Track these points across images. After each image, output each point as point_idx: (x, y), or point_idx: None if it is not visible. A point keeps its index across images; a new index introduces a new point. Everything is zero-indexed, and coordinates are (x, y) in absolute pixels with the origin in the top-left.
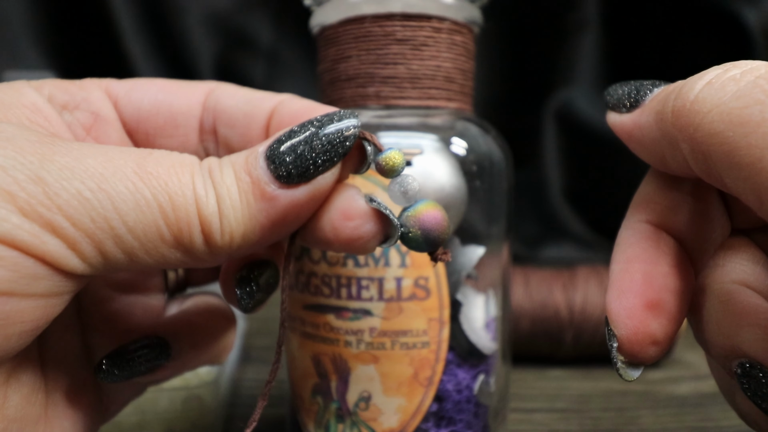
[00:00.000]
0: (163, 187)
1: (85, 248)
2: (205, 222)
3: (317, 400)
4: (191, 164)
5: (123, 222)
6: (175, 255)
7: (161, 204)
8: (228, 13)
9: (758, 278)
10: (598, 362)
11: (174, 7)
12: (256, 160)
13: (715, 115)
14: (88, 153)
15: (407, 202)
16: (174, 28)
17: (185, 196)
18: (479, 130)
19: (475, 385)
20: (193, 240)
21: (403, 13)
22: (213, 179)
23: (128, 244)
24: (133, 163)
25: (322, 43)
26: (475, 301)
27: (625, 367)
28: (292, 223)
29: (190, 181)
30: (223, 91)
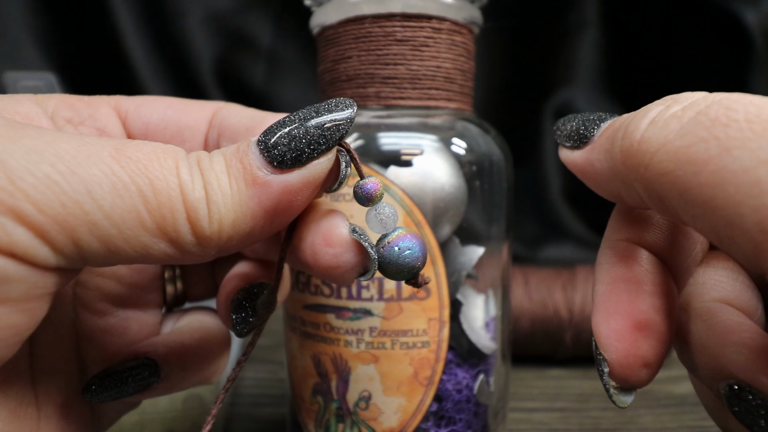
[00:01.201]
0: (142, 171)
1: (56, 237)
2: (191, 208)
3: (317, 399)
4: (175, 151)
5: (98, 207)
6: (159, 246)
7: (140, 187)
8: (228, 14)
9: (739, 295)
10: None
11: (174, 7)
12: (248, 147)
13: (663, 155)
14: (61, 138)
15: (385, 230)
16: (174, 29)
17: (167, 180)
18: (479, 130)
19: (474, 385)
20: (177, 228)
21: (403, 14)
22: (201, 166)
23: (105, 232)
24: (111, 148)
25: (322, 43)
26: (475, 301)
27: (617, 392)
28: (285, 212)
29: (174, 165)
30: (229, 109)
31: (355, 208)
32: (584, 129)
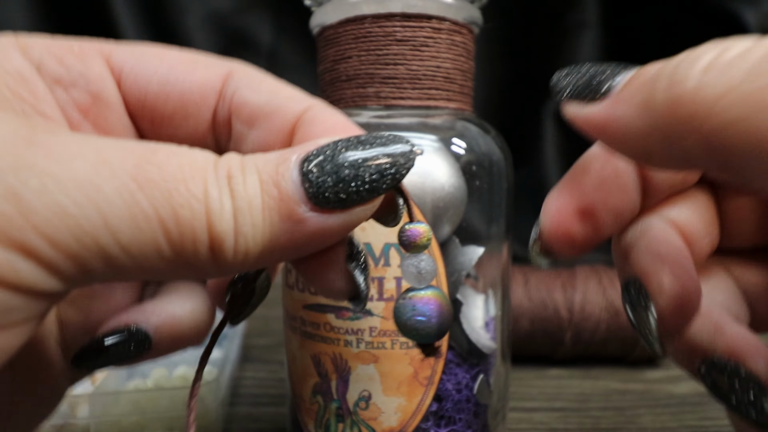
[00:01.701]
0: (166, 198)
1: (67, 269)
2: (216, 239)
3: (317, 399)
4: (204, 167)
5: (115, 240)
6: (175, 270)
7: (162, 219)
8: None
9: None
10: (598, 362)
11: (174, 7)
12: (288, 171)
13: (730, 101)
14: (77, 152)
15: (417, 284)
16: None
17: (193, 209)
18: (479, 130)
19: (474, 385)
20: (198, 257)
21: (403, 14)
22: (232, 188)
23: (119, 263)
24: (132, 167)
25: (322, 43)
26: (475, 301)
27: (537, 254)
28: (314, 248)
29: (202, 190)
30: (243, 78)
31: None
32: (598, 81)
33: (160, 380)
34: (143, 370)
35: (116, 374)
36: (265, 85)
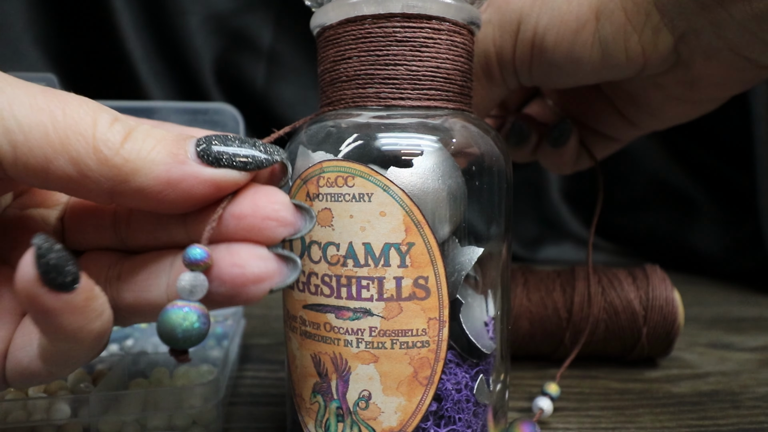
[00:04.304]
0: (61, 102)
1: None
2: (101, 139)
3: (317, 399)
4: (104, 111)
5: (13, 116)
6: (59, 161)
7: (52, 110)
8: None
9: None
10: (597, 361)
11: (175, 8)
12: (188, 138)
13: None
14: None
15: (189, 297)
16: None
17: (80, 113)
18: (479, 130)
19: (474, 385)
20: (79, 149)
21: (403, 14)
22: (130, 122)
23: (14, 137)
24: (42, 88)
25: (323, 43)
26: (475, 301)
27: None
28: (182, 196)
29: (96, 108)
30: None
31: (355, 208)
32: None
33: (161, 379)
34: (144, 369)
35: (117, 373)
36: None
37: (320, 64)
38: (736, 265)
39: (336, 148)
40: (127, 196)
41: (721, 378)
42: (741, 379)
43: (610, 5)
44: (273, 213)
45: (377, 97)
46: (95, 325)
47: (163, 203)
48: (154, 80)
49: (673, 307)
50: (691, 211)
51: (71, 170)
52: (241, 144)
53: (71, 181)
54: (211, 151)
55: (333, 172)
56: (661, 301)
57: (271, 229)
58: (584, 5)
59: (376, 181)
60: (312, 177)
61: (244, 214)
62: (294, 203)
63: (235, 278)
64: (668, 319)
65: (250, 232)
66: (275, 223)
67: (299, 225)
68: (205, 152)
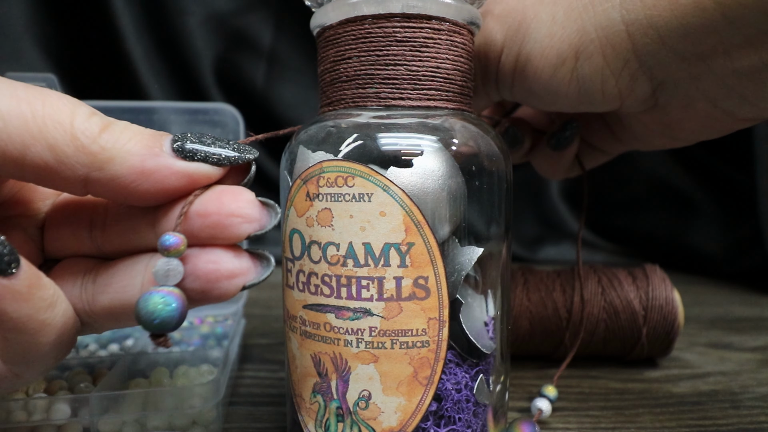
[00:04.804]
0: (41, 94)
1: None
2: (80, 130)
3: (317, 399)
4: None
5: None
6: (36, 147)
7: (31, 101)
8: (229, 15)
9: None
10: (597, 361)
11: (175, 8)
12: (163, 134)
13: None
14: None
15: (165, 282)
16: (175, 29)
17: (59, 105)
18: (479, 130)
19: (474, 385)
20: (56, 136)
21: (403, 14)
22: (107, 118)
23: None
24: (24, 84)
25: (323, 43)
26: (475, 301)
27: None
28: (154, 188)
29: (75, 104)
30: None
31: (355, 208)
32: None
33: (161, 379)
34: (144, 369)
35: (117, 373)
36: None
37: (320, 64)
38: (736, 265)
39: (336, 148)
40: (101, 185)
41: (721, 378)
42: (741, 379)
43: (590, 47)
44: (238, 210)
45: (377, 97)
46: (45, 316)
47: (135, 193)
48: (154, 80)
49: (673, 307)
50: (691, 211)
51: (48, 156)
52: (215, 141)
53: (47, 169)
54: (185, 146)
55: (333, 172)
56: (661, 301)
57: (236, 226)
58: (565, 43)
59: (376, 181)
60: (312, 177)
61: (209, 211)
62: (259, 200)
63: (208, 273)
64: (668, 319)
65: (216, 229)
66: (240, 220)
67: (264, 221)
68: (180, 147)
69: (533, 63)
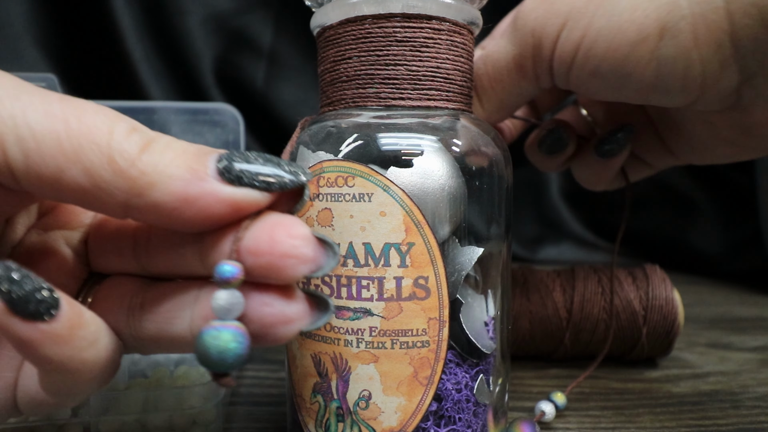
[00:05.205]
0: (77, 109)
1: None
2: (117, 149)
3: (318, 399)
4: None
5: (26, 123)
6: (72, 171)
7: (67, 117)
8: (229, 15)
9: None
10: None
11: (175, 8)
12: (208, 151)
13: None
14: (22, 83)
15: (225, 317)
16: (175, 30)
17: (95, 122)
18: (479, 130)
19: (474, 385)
20: (93, 158)
21: (404, 14)
22: (150, 134)
23: (27, 145)
24: (59, 96)
25: (323, 43)
26: (475, 301)
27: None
28: (198, 216)
29: (115, 119)
30: None
31: (355, 208)
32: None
33: (160, 379)
34: (144, 369)
35: (117, 373)
36: None
37: (320, 64)
38: (736, 265)
39: (336, 148)
40: (142, 211)
41: (721, 378)
42: (741, 379)
43: (680, 24)
44: (292, 249)
45: (377, 97)
46: (88, 355)
47: (177, 220)
48: (154, 80)
49: (673, 307)
50: (691, 211)
51: (84, 181)
52: (265, 162)
53: (85, 193)
54: (232, 168)
55: (333, 172)
56: (661, 301)
57: (290, 267)
58: (650, 17)
59: (376, 181)
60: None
61: (260, 250)
62: (316, 236)
63: (263, 318)
64: (668, 319)
65: (269, 270)
66: (295, 261)
67: (321, 261)
68: (227, 169)
69: (605, 39)
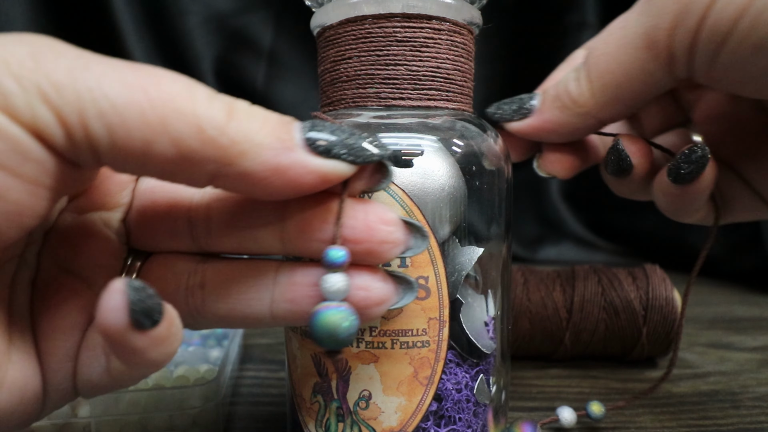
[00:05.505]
0: (154, 78)
1: (71, 120)
2: (203, 116)
3: (318, 399)
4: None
5: (105, 96)
6: (160, 144)
7: (145, 87)
8: (229, 14)
9: None
10: (597, 361)
11: (175, 8)
12: (294, 122)
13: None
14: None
15: (332, 298)
16: (175, 30)
17: (174, 88)
18: (479, 130)
19: (475, 385)
20: (180, 128)
21: (404, 14)
22: (236, 104)
23: (109, 120)
24: (130, 64)
25: (323, 43)
26: (476, 301)
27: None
28: (287, 186)
29: (195, 85)
30: None
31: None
32: (523, 106)
33: (160, 380)
34: None
35: None
36: None
37: (320, 64)
38: (736, 265)
39: None
40: (229, 180)
41: (721, 378)
42: (741, 379)
43: None
44: (388, 236)
45: (377, 97)
46: (175, 347)
47: (265, 189)
48: None
49: (673, 307)
50: None
51: (172, 152)
52: (350, 135)
53: (172, 165)
54: (318, 139)
55: None
56: (661, 301)
57: (386, 252)
58: None
59: None
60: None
61: (359, 238)
62: (404, 220)
63: (360, 301)
64: (668, 319)
65: (367, 255)
66: (390, 245)
67: (410, 242)
68: (313, 140)
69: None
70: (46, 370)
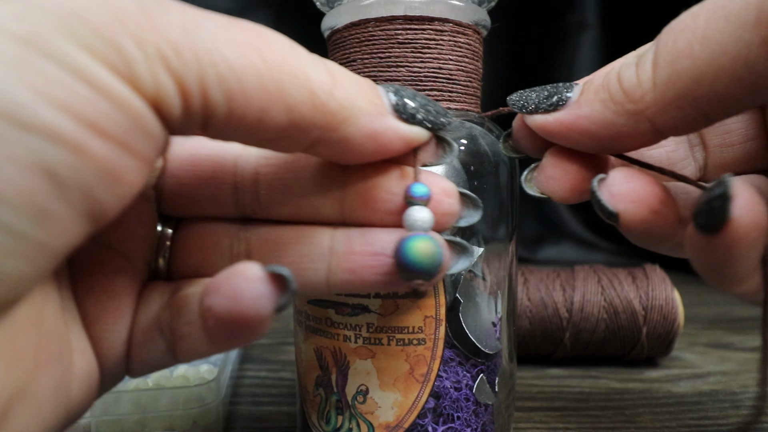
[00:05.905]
0: (263, 38)
1: (192, 88)
2: (312, 79)
3: (320, 391)
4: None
5: (223, 58)
6: (275, 111)
7: (258, 47)
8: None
9: None
10: (597, 361)
11: None
12: (375, 85)
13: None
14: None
15: (423, 228)
16: None
17: (284, 48)
18: (483, 130)
19: (475, 384)
20: (294, 94)
21: (405, 16)
22: (331, 68)
23: (228, 86)
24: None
25: (331, 47)
26: (480, 301)
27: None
28: (377, 151)
29: (300, 50)
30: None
31: None
32: (557, 95)
33: (160, 380)
34: None
35: None
36: None
37: None
38: None
39: None
40: (327, 146)
41: (721, 378)
42: (741, 379)
43: None
44: (450, 207)
45: None
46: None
47: (355, 154)
48: None
49: (673, 307)
50: None
51: (284, 120)
52: (427, 101)
53: (280, 133)
54: (406, 105)
55: None
56: (661, 301)
57: (446, 223)
58: None
59: None
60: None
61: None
62: (460, 192)
63: None
64: (668, 319)
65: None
66: (450, 217)
67: (464, 212)
68: (401, 106)
69: None
70: (100, 355)
